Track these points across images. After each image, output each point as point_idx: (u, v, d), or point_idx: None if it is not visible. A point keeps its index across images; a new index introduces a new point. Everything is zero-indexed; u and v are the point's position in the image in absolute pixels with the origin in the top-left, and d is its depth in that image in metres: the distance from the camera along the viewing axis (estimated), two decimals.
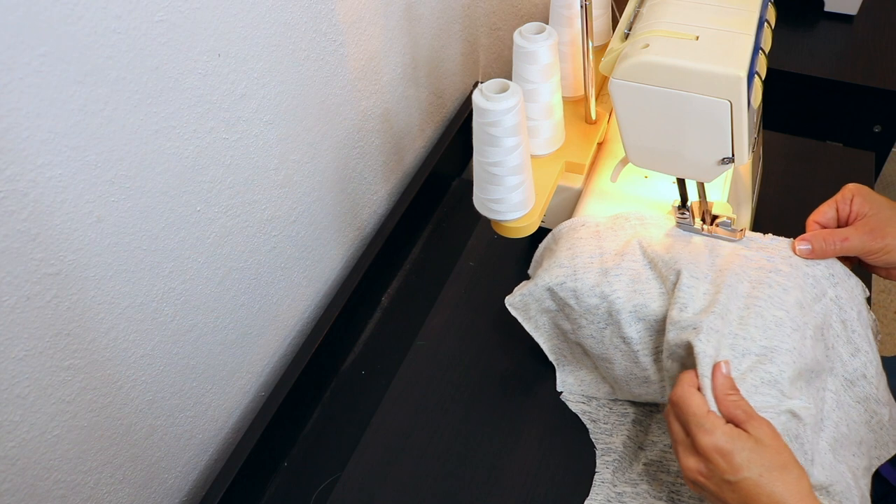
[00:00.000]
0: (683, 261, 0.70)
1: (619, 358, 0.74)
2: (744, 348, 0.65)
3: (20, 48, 0.45)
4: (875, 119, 1.18)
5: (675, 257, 0.70)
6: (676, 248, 0.72)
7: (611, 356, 0.74)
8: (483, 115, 0.65)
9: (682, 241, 0.73)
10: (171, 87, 0.57)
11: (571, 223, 0.78)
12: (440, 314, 0.88)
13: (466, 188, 1.08)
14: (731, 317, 0.67)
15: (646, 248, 0.73)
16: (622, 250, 0.73)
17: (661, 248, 0.72)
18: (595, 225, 0.77)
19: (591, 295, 0.72)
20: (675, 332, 0.67)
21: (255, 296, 0.77)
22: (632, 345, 0.72)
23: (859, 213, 0.70)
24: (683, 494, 0.71)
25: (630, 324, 0.71)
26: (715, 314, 0.66)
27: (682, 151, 0.67)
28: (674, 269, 0.70)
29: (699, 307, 0.67)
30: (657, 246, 0.72)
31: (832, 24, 1.27)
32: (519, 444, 0.76)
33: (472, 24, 1.10)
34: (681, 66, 0.61)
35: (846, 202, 0.71)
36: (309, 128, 0.77)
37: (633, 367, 0.74)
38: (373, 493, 0.74)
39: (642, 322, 0.71)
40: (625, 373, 0.75)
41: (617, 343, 0.73)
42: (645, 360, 0.73)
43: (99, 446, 0.61)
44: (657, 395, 0.75)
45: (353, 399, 0.84)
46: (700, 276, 0.69)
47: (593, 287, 0.72)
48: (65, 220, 0.52)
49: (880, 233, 0.68)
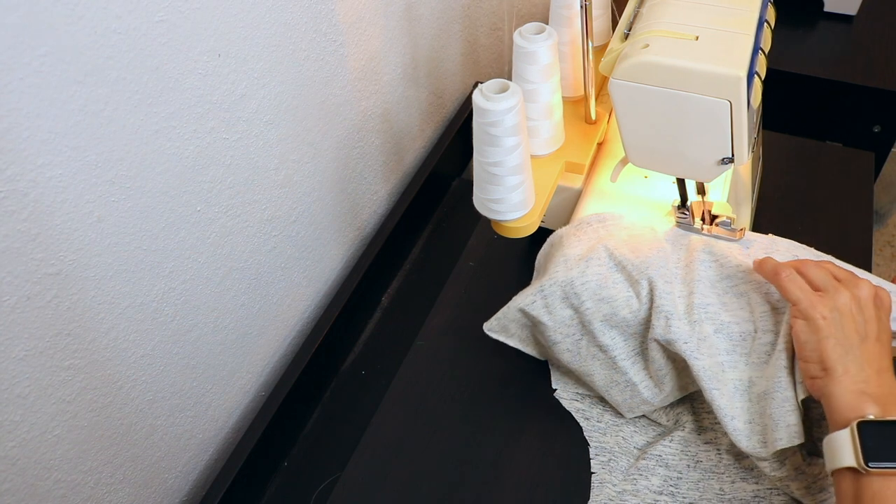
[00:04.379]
0: (654, 264, 0.71)
1: (598, 368, 0.75)
2: (736, 332, 0.67)
3: (20, 48, 0.45)
4: (875, 119, 1.18)
5: (644, 261, 0.71)
6: (643, 250, 0.72)
7: (590, 368, 0.75)
8: (483, 115, 0.65)
9: (647, 241, 0.73)
10: (171, 88, 0.57)
11: (550, 239, 0.80)
12: (440, 314, 0.88)
13: (466, 188, 1.08)
14: (714, 308, 0.68)
15: (612, 251, 0.73)
16: (585, 255, 0.73)
17: (629, 251, 0.72)
18: (560, 236, 0.78)
19: (562, 307, 0.73)
20: (664, 344, 0.70)
21: (255, 296, 0.77)
22: (609, 351, 0.73)
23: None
24: (681, 487, 0.71)
25: (603, 332, 0.73)
26: (696, 322, 0.68)
27: (682, 151, 0.67)
28: (645, 273, 0.70)
29: (681, 311, 0.69)
30: (623, 248, 0.73)
31: (832, 24, 1.27)
32: (519, 444, 0.76)
33: (472, 24, 1.10)
34: (681, 66, 0.61)
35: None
36: (309, 128, 0.77)
37: (614, 374, 0.75)
38: (373, 493, 0.74)
39: (615, 329, 0.73)
40: (606, 382, 0.75)
41: (594, 352, 0.74)
42: (624, 363, 0.74)
43: (99, 446, 0.61)
44: (640, 400, 0.75)
45: (353, 399, 0.84)
46: (671, 277, 0.70)
47: (563, 300, 0.73)
48: (65, 220, 0.52)
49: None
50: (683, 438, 0.74)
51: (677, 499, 0.70)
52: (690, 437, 0.74)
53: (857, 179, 1.00)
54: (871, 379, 0.56)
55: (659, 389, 0.73)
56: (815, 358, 0.59)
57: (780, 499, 0.68)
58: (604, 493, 0.71)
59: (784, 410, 0.63)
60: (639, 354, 0.74)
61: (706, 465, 0.72)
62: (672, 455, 0.73)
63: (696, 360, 0.67)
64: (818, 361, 0.59)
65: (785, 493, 0.68)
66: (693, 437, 0.74)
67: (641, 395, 0.74)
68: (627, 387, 0.74)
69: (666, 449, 0.73)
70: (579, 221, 0.78)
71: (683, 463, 0.72)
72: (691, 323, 0.68)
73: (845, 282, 0.62)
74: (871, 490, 0.53)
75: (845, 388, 0.56)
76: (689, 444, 0.73)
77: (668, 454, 0.73)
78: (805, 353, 0.60)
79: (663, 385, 0.73)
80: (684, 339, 0.68)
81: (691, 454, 0.72)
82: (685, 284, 0.70)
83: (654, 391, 0.74)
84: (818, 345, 0.59)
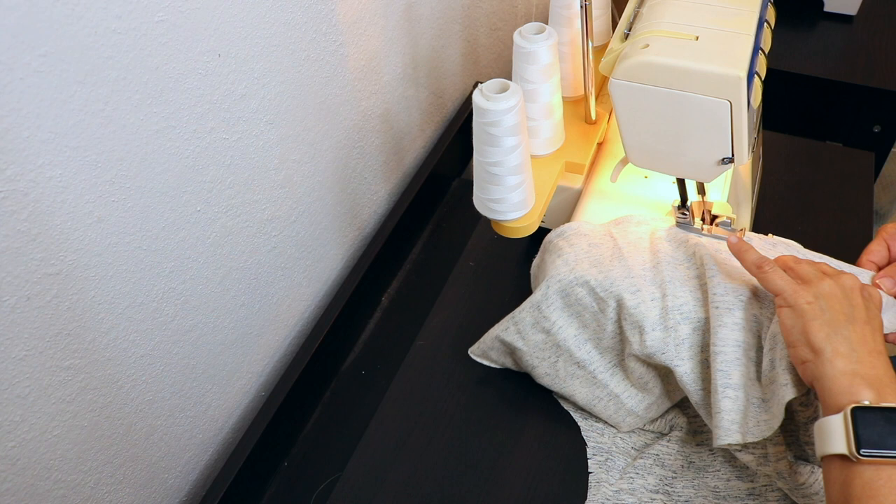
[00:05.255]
0: (618, 280, 0.70)
1: (578, 386, 0.76)
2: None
3: (20, 48, 0.45)
4: (875, 119, 1.18)
5: (609, 277, 0.70)
6: (605, 264, 0.71)
7: (570, 390, 0.76)
8: (483, 115, 0.65)
9: (607, 255, 0.72)
10: (171, 87, 0.57)
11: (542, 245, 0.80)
12: (440, 314, 0.88)
13: (466, 188, 1.08)
14: (688, 307, 0.68)
15: (574, 267, 0.72)
16: (547, 277, 0.73)
17: (591, 268, 0.72)
18: (546, 244, 0.78)
19: (534, 332, 0.74)
20: (643, 359, 0.70)
21: (255, 296, 0.77)
22: (587, 367, 0.74)
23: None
24: (676, 486, 0.71)
25: (578, 347, 0.74)
26: (671, 327, 0.68)
27: (682, 151, 0.67)
28: (612, 293, 0.70)
29: (655, 318, 0.68)
30: (585, 266, 0.72)
31: (832, 24, 1.27)
32: (519, 444, 0.76)
33: (472, 24, 1.10)
34: (681, 66, 0.61)
35: (893, 238, 0.70)
36: (309, 128, 0.77)
37: (595, 390, 0.75)
38: (373, 493, 0.74)
39: (590, 342, 0.74)
40: (588, 399, 0.76)
41: (572, 371, 0.75)
42: (603, 376, 0.75)
43: (99, 446, 0.61)
44: (626, 412, 0.75)
45: (353, 399, 0.84)
46: (640, 284, 0.70)
47: (534, 325, 0.74)
48: (65, 220, 0.52)
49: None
50: (680, 439, 0.74)
51: (672, 497, 0.70)
52: (686, 438, 0.74)
53: (857, 179, 1.00)
54: (864, 359, 0.54)
55: (644, 395, 0.74)
56: (802, 341, 0.57)
57: (775, 494, 0.68)
58: (601, 493, 0.71)
59: (759, 405, 0.63)
60: (617, 366, 0.75)
61: (699, 465, 0.72)
62: (669, 455, 0.73)
63: (677, 367, 0.68)
64: (806, 344, 0.57)
65: (778, 488, 0.69)
66: (689, 438, 0.74)
67: (625, 405, 0.75)
68: (611, 400, 0.75)
69: (663, 448, 0.73)
70: (543, 245, 0.78)
71: (678, 462, 0.72)
72: (666, 329, 0.68)
73: (831, 274, 0.61)
74: (861, 479, 0.51)
75: (837, 370, 0.54)
76: (685, 444, 0.74)
77: (664, 453, 0.73)
78: (792, 338, 0.58)
79: (649, 391, 0.74)
80: (661, 349, 0.68)
81: (686, 454, 0.73)
82: (657, 287, 0.70)
83: (639, 398, 0.74)
84: (804, 327, 0.57)
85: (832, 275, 0.61)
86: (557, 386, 0.76)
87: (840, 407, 0.53)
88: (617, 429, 0.76)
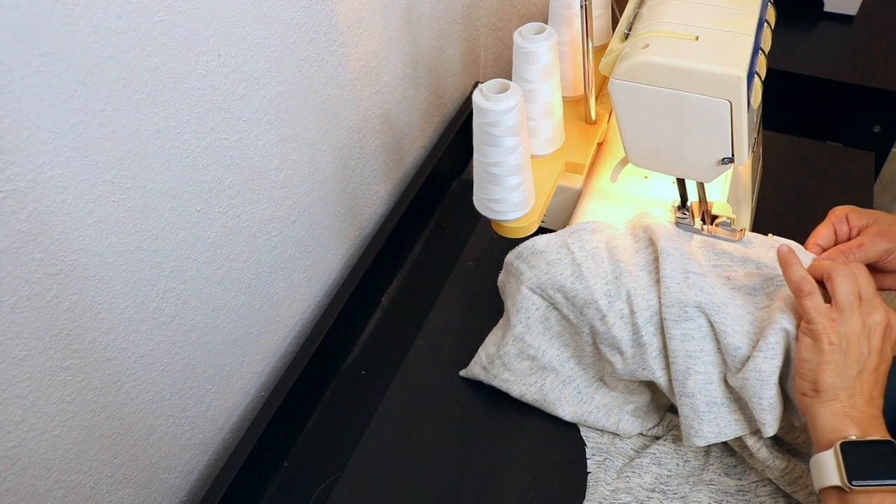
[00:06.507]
0: (585, 305, 0.70)
1: (565, 404, 0.77)
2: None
3: (20, 48, 0.45)
4: (875, 119, 1.18)
5: (576, 304, 0.71)
6: (568, 288, 0.71)
7: (556, 407, 0.77)
8: (483, 115, 0.65)
9: (567, 275, 0.72)
10: (171, 87, 0.57)
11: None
12: (440, 314, 0.88)
13: (466, 188, 1.08)
14: (657, 319, 0.69)
15: (545, 290, 0.73)
16: (518, 304, 0.74)
17: (556, 294, 0.72)
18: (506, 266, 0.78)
19: (519, 359, 0.76)
20: (627, 379, 0.72)
21: (255, 296, 0.77)
22: (572, 383, 0.76)
23: (859, 226, 0.71)
24: (672, 484, 0.71)
25: (563, 365, 0.76)
26: (645, 344, 0.69)
27: (682, 151, 0.67)
28: (584, 320, 0.71)
29: (628, 340, 0.69)
30: (550, 293, 0.73)
31: (832, 25, 1.27)
32: (519, 444, 0.77)
33: (472, 24, 1.10)
34: (681, 66, 0.61)
35: (842, 221, 0.72)
36: (309, 128, 0.77)
37: (581, 406, 0.76)
38: (373, 493, 0.74)
39: (571, 360, 0.76)
40: (576, 414, 0.77)
41: (559, 390, 0.76)
42: (587, 390, 0.76)
43: (99, 446, 0.62)
44: (616, 414, 0.76)
45: (353, 399, 0.84)
46: (606, 309, 0.70)
47: (518, 354, 0.76)
48: (65, 220, 0.52)
49: (889, 234, 0.69)
50: (676, 438, 0.75)
51: (668, 495, 0.71)
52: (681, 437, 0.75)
53: (857, 179, 1.00)
54: (858, 406, 0.59)
55: (635, 398, 0.76)
56: (811, 378, 0.60)
57: (766, 489, 0.70)
58: (598, 492, 0.71)
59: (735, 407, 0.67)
60: (600, 381, 0.77)
61: (694, 464, 0.73)
62: (666, 454, 0.74)
63: (659, 379, 0.70)
64: (812, 381, 0.60)
65: (769, 484, 0.70)
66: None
67: (615, 414, 0.76)
68: (599, 410, 0.76)
69: (661, 448, 0.74)
70: (505, 263, 0.78)
71: (674, 461, 0.73)
72: (640, 346, 0.69)
73: (865, 302, 0.62)
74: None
75: (831, 411, 0.59)
76: (680, 443, 0.74)
77: (662, 453, 0.74)
78: (803, 370, 0.61)
79: (639, 394, 0.75)
80: (641, 366, 0.70)
81: (681, 453, 0.74)
82: (625, 301, 0.69)
83: (630, 405, 0.76)
84: (817, 367, 0.60)
85: (867, 304, 0.62)
86: (547, 405, 0.77)
87: (830, 443, 0.58)
88: (624, 434, 0.76)
